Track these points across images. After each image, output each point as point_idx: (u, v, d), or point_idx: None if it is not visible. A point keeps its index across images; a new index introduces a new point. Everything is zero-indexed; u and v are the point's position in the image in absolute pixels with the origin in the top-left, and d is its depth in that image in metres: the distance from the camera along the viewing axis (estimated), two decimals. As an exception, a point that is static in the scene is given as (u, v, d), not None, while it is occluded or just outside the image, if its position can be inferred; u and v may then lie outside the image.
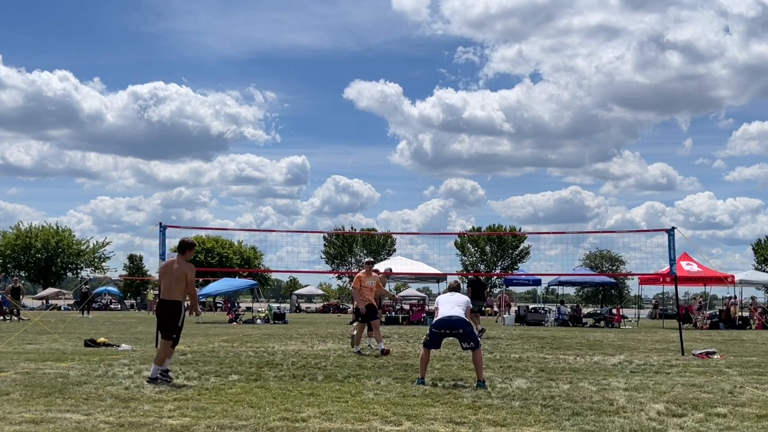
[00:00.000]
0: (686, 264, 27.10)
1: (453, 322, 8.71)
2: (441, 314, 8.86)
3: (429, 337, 8.88)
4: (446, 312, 8.83)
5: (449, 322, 8.73)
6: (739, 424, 6.29)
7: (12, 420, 6.09)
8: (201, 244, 63.59)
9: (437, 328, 8.83)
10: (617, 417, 6.57)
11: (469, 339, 8.70)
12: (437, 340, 8.90)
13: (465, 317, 8.83)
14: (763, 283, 34.76)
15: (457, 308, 8.85)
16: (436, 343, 8.94)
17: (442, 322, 8.79)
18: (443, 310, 8.91)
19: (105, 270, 60.10)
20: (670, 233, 14.04)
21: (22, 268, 57.83)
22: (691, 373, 10.26)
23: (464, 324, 8.73)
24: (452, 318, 8.72)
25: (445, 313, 8.82)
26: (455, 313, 8.77)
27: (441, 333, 8.82)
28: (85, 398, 7.23)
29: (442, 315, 8.83)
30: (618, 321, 29.33)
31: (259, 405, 6.93)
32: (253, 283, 37.68)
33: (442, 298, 9.37)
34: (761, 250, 63.85)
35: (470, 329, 8.78)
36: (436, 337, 8.86)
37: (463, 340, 8.77)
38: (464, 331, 8.70)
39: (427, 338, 8.89)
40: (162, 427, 5.92)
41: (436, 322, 8.89)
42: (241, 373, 9.47)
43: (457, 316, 8.74)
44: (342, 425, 6.10)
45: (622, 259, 74.52)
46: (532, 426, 6.19)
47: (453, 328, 8.73)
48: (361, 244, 70.71)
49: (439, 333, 8.82)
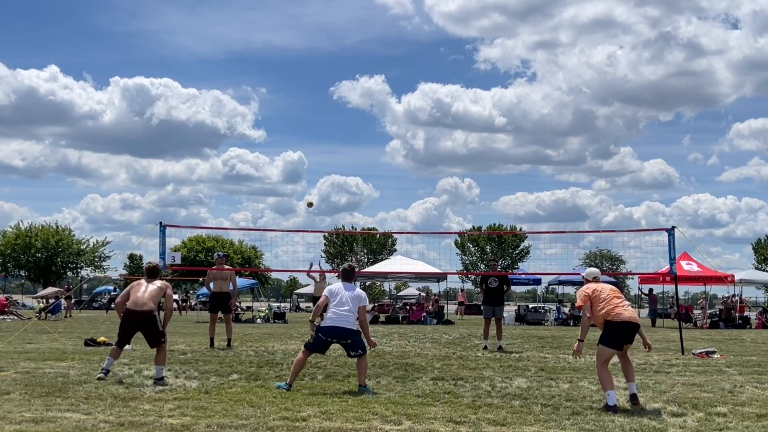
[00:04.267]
0: (686, 264, 27.08)
1: (342, 332, 8.09)
2: (330, 320, 8.14)
3: (313, 340, 8.20)
4: (336, 320, 8.11)
5: (338, 332, 8.10)
6: (739, 424, 6.29)
7: (12, 419, 6.09)
8: (201, 243, 63.63)
9: (325, 335, 8.14)
10: (617, 416, 6.57)
11: (357, 348, 8.16)
12: (320, 345, 8.23)
13: (355, 325, 8.18)
14: (763, 282, 34.78)
15: (350, 315, 8.16)
16: (318, 349, 8.26)
17: (331, 330, 8.11)
18: (333, 313, 8.17)
19: (105, 269, 60.12)
20: (670, 233, 14.01)
21: (22, 267, 57.79)
22: (691, 372, 10.26)
23: (353, 333, 8.13)
24: (343, 328, 8.08)
25: (335, 322, 8.11)
26: (345, 323, 8.10)
27: (327, 341, 8.19)
28: (85, 397, 7.23)
29: (332, 323, 8.12)
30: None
31: (259, 404, 6.93)
32: (253, 282, 37.71)
33: (335, 289, 8.39)
34: (761, 249, 63.87)
35: (359, 338, 8.20)
36: (321, 343, 8.21)
37: (351, 349, 8.20)
38: (353, 341, 8.15)
39: (311, 341, 8.23)
40: (162, 426, 5.92)
41: (324, 328, 8.14)
42: (242, 372, 9.47)
43: (347, 327, 8.10)
44: (342, 425, 6.10)
45: (622, 258, 74.57)
46: (532, 425, 6.19)
47: (341, 338, 8.14)
48: (361, 243, 70.69)
49: (326, 341, 8.19)
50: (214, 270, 14.68)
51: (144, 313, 8.72)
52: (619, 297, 7.50)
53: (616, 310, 7.31)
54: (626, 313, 7.32)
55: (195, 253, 61.70)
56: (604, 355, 7.26)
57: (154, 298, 8.89)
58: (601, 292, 7.49)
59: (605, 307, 7.35)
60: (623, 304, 7.46)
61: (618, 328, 7.25)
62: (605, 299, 7.41)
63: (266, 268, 62.45)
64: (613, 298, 7.43)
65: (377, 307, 33.01)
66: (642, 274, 28.35)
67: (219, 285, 14.28)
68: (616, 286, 7.82)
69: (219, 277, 14.42)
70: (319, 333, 8.18)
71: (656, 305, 31.04)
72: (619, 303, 7.41)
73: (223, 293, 14.27)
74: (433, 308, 30.99)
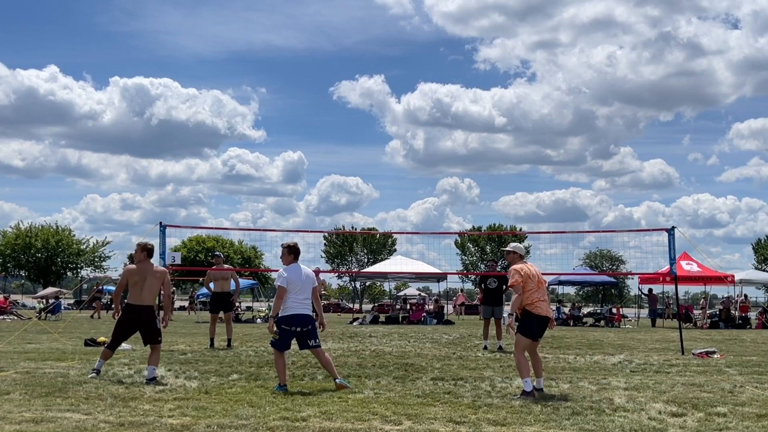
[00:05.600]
0: (686, 264, 27.09)
1: (303, 319, 7.97)
2: (292, 308, 7.92)
3: (279, 335, 7.95)
4: (298, 307, 7.95)
5: (301, 319, 7.96)
6: (739, 424, 6.28)
7: (12, 419, 6.09)
8: (201, 243, 63.61)
9: (288, 324, 7.91)
10: (617, 416, 6.57)
11: (314, 336, 8.05)
12: (288, 338, 8.02)
13: (312, 312, 8.11)
14: (763, 282, 34.77)
15: (307, 301, 8.03)
16: (287, 344, 8.06)
17: (295, 318, 7.92)
18: (295, 300, 7.94)
19: (105, 269, 60.10)
20: (670, 233, 14.01)
21: (22, 267, 57.80)
22: (691, 372, 10.26)
23: (311, 320, 8.05)
24: (304, 315, 7.98)
25: (297, 309, 7.94)
26: (306, 309, 7.98)
27: (292, 331, 7.97)
28: (85, 398, 7.23)
29: (295, 310, 7.93)
30: (618, 320, 29.34)
31: (259, 404, 6.93)
32: (253, 282, 37.69)
33: (292, 274, 8.04)
34: (761, 249, 63.87)
35: (314, 326, 8.09)
36: (287, 336, 7.98)
37: (308, 337, 8.04)
38: (311, 327, 8.03)
39: (276, 337, 7.98)
40: (162, 426, 5.93)
41: (286, 317, 7.92)
42: (242, 372, 9.47)
43: (308, 313, 8.01)
44: (342, 425, 6.10)
45: (622, 259, 74.55)
46: (532, 425, 6.19)
47: (303, 325, 7.98)
48: (361, 243, 70.69)
49: (291, 331, 7.96)
50: (213, 270, 14.67)
51: (145, 308, 8.76)
52: (541, 290, 7.93)
53: (537, 303, 7.81)
54: (545, 308, 7.86)
55: (195, 253, 61.69)
56: (522, 343, 7.87)
57: (154, 293, 8.92)
58: (530, 279, 7.84)
59: (531, 297, 7.80)
60: (544, 298, 7.97)
61: (537, 322, 7.86)
62: (531, 289, 7.82)
63: (266, 268, 62.47)
64: (537, 290, 7.85)
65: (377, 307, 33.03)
66: (642, 274, 28.36)
67: (220, 285, 14.29)
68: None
69: (219, 276, 14.43)
70: (282, 325, 7.97)
71: (656, 305, 31.06)
72: (541, 297, 7.89)
73: (224, 293, 14.28)
74: (434, 308, 31.01)
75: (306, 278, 8.11)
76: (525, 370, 7.71)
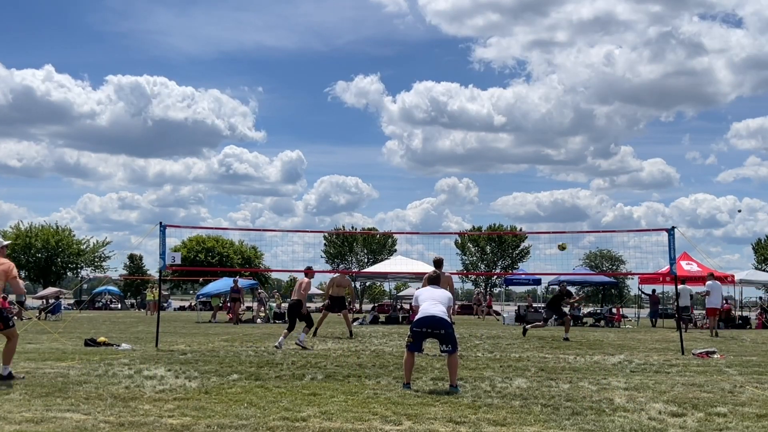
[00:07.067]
0: (686, 264, 27.09)
1: (435, 322, 8.31)
2: (422, 312, 8.46)
3: (411, 338, 8.43)
4: (428, 310, 8.44)
5: (432, 321, 8.33)
6: (739, 424, 6.29)
7: (12, 419, 6.10)
8: (201, 243, 63.64)
9: (418, 326, 8.39)
10: (617, 416, 6.57)
11: (449, 341, 8.32)
12: (419, 340, 8.46)
13: (447, 317, 8.45)
14: (763, 282, 34.74)
15: (439, 305, 8.49)
16: (419, 345, 8.50)
17: (424, 320, 8.37)
18: (424, 307, 8.51)
19: (105, 269, 60.12)
20: (670, 233, 14.00)
21: (22, 267, 57.72)
22: (691, 372, 10.26)
23: (446, 324, 8.34)
24: (435, 317, 8.33)
25: (427, 311, 8.42)
26: (437, 312, 8.38)
27: (422, 332, 8.38)
28: (85, 398, 7.23)
29: (424, 313, 8.42)
30: (618, 320, 29.34)
31: (259, 404, 6.93)
32: (253, 282, 37.66)
33: (422, 293, 8.85)
34: (761, 249, 63.85)
35: (451, 330, 8.41)
36: (417, 336, 8.41)
37: (443, 341, 8.38)
38: (445, 332, 8.31)
39: (410, 339, 8.45)
40: (162, 426, 5.93)
41: (417, 320, 8.45)
42: (242, 372, 9.47)
43: (440, 316, 8.36)
44: (342, 425, 6.10)
45: (622, 259, 74.55)
46: (532, 425, 6.19)
47: (435, 328, 8.31)
48: (361, 243, 70.69)
49: (421, 332, 8.38)
50: (336, 277, 19.03)
51: None
52: None
53: None
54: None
55: (195, 253, 61.71)
56: None
57: None
58: None
59: None
60: None
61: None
62: None
63: (266, 268, 62.49)
64: None
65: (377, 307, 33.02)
66: (642, 274, 28.36)
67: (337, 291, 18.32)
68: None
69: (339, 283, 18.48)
70: (414, 327, 8.48)
71: (657, 306, 31.04)
72: None
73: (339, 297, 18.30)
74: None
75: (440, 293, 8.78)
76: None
